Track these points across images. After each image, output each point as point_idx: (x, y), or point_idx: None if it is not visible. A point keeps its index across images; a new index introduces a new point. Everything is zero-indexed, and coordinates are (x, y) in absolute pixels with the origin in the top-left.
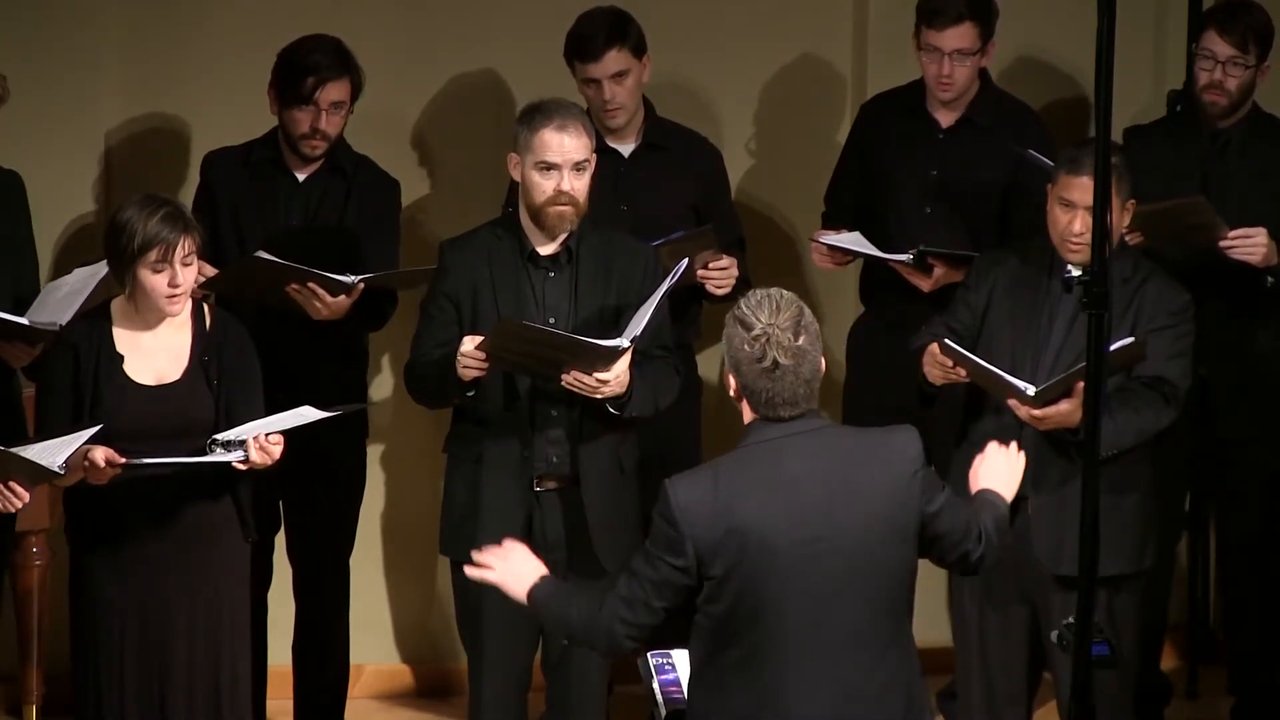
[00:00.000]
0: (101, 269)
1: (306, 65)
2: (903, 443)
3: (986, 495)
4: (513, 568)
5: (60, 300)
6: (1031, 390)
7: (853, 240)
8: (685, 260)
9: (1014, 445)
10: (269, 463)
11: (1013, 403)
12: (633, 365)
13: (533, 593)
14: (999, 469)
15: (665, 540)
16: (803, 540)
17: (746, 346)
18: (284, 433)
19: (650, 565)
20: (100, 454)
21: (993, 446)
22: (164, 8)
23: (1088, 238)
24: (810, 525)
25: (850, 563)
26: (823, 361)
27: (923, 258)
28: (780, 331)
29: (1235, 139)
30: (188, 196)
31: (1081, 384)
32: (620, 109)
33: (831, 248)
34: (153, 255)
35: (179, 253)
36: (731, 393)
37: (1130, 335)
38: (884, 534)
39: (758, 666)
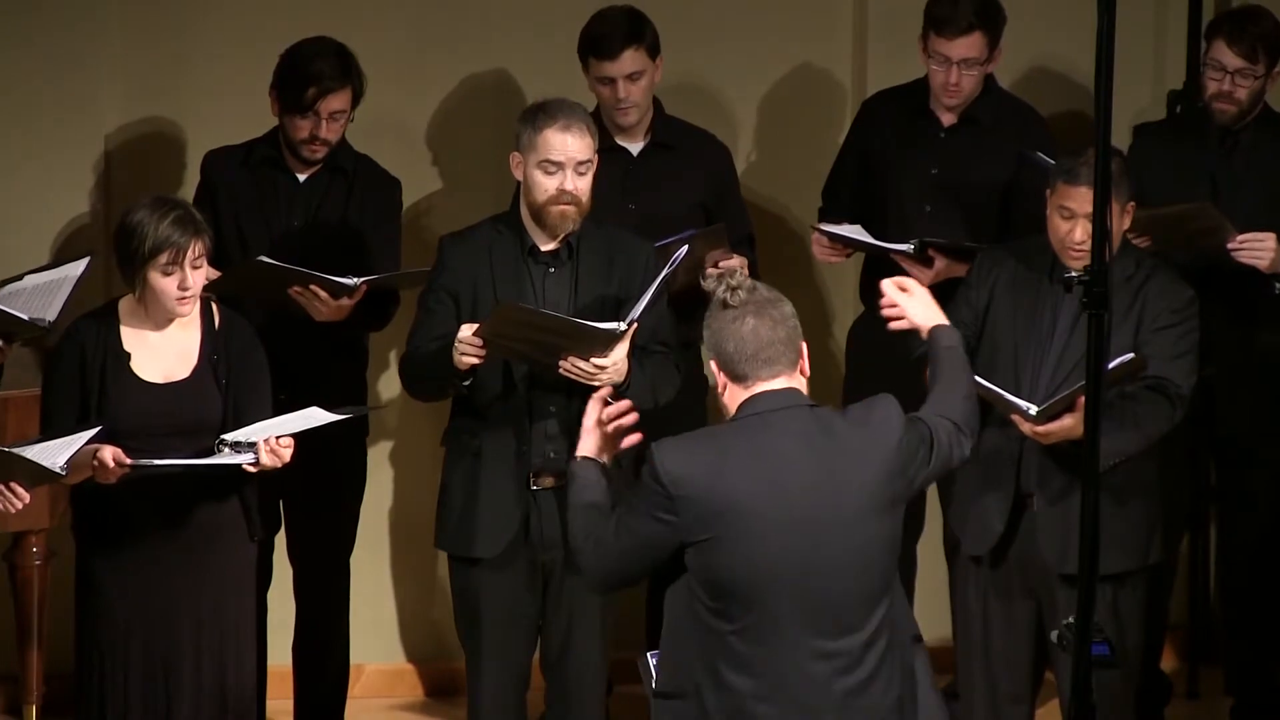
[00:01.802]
0: (76, 269)
1: (308, 75)
2: (885, 414)
3: (939, 357)
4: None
5: (26, 301)
6: (1033, 410)
7: (853, 229)
8: (685, 247)
9: (908, 282)
10: (279, 465)
11: (1016, 418)
12: (631, 356)
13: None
14: (918, 307)
15: (653, 498)
16: (796, 518)
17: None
18: (293, 435)
19: (637, 519)
20: (109, 453)
21: (890, 291)
22: (164, 7)
23: (1089, 245)
24: (804, 503)
25: (845, 538)
26: (803, 341)
27: (923, 249)
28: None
29: (1245, 140)
30: (187, 196)
31: (1083, 399)
32: (633, 107)
33: (832, 237)
34: (163, 258)
35: (189, 256)
36: (718, 384)
37: (1135, 333)
38: (876, 507)
39: (758, 645)
